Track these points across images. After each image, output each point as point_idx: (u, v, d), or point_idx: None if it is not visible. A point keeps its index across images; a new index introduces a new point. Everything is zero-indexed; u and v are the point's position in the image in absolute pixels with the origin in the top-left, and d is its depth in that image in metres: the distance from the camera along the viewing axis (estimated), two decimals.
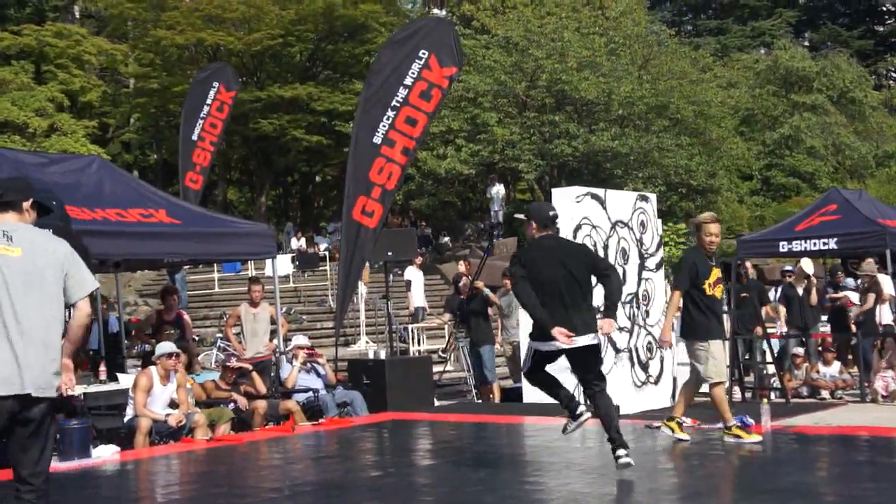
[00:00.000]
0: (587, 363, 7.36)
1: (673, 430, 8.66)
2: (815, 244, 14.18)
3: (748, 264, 14.51)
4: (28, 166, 10.45)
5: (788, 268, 15.23)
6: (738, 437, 8.44)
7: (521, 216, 7.69)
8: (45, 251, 4.91)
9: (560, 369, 7.68)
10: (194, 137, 18.29)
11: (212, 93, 18.30)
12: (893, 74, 54.10)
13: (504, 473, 7.61)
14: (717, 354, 8.48)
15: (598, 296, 7.56)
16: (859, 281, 14.70)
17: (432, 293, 22.39)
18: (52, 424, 4.89)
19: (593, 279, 7.42)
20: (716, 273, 8.60)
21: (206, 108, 18.27)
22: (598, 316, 7.46)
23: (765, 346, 13.83)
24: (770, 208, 34.53)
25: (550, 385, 7.58)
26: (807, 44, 50.36)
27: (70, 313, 5.10)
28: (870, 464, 7.73)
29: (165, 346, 10.29)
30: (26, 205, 5.08)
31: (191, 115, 18.51)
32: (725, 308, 13.82)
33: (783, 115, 37.44)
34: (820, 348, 14.48)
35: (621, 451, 7.12)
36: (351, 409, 11.70)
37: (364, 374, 12.39)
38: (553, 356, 7.35)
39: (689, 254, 8.82)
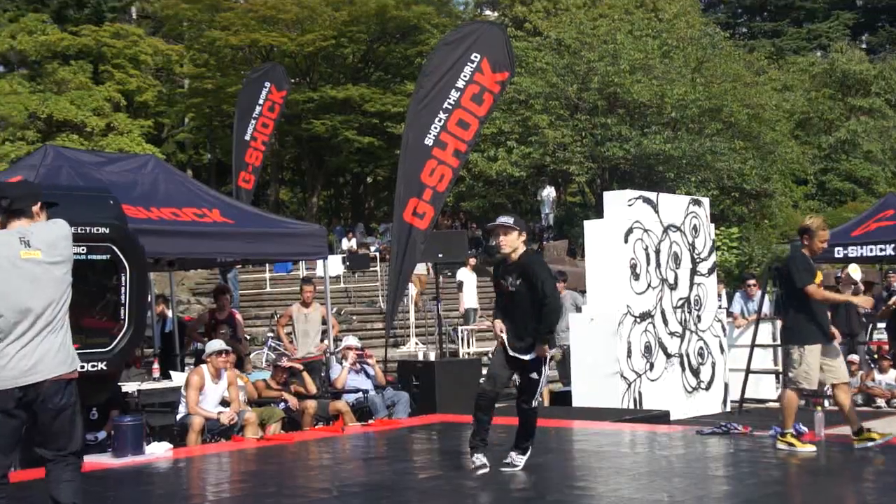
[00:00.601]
0: None
1: (873, 439, 8.43)
2: (871, 250, 13.97)
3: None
4: (86, 165, 10.65)
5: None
6: (791, 445, 8.34)
7: (507, 221, 7.63)
8: (58, 246, 5.23)
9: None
10: (247, 137, 18.45)
11: (263, 93, 18.44)
12: None
13: (552, 478, 7.58)
14: (812, 360, 8.29)
15: None
16: None
17: (482, 295, 22.38)
18: (76, 412, 5.16)
19: None
20: (820, 276, 8.54)
21: (258, 108, 18.42)
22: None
23: None
24: (825, 213, 34.08)
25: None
26: (864, 46, 49.73)
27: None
28: None
29: (215, 345, 10.40)
30: (35, 208, 5.35)
31: (243, 115, 18.67)
32: (767, 313, 13.67)
33: (839, 119, 36.97)
34: (876, 356, 14.25)
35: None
36: (394, 410, 11.74)
37: (413, 375, 12.42)
38: None
39: (800, 252, 8.64)
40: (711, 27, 37.93)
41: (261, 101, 18.44)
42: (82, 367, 6.77)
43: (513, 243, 7.59)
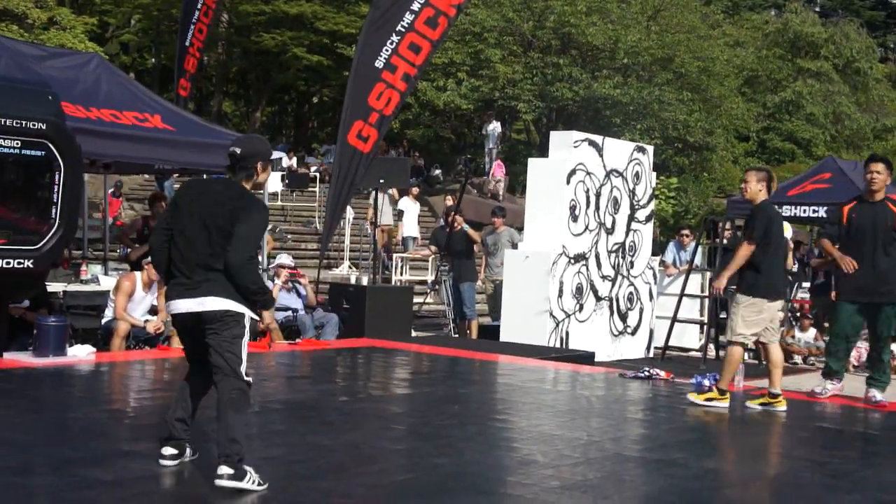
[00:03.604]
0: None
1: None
2: (804, 211, 14.20)
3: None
4: (27, 57, 10.31)
5: None
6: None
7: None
8: None
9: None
10: (186, 43, 18.19)
11: None
12: None
13: (475, 409, 7.67)
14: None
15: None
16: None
17: (421, 225, 22.42)
18: None
19: None
20: None
21: (196, 13, 18.10)
22: None
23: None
24: None
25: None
26: (818, 9, 49.98)
27: None
28: (826, 430, 7.79)
29: None
30: None
31: (185, 20, 18.36)
32: (698, 264, 13.82)
33: (787, 79, 37.30)
34: (798, 314, 14.55)
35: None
36: (322, 331, 11.74)
37: (344, 298, 12.42)
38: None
39: None
40: None
41: (199, 6, 18.10)
42: (8, 263, 6.69)
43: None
